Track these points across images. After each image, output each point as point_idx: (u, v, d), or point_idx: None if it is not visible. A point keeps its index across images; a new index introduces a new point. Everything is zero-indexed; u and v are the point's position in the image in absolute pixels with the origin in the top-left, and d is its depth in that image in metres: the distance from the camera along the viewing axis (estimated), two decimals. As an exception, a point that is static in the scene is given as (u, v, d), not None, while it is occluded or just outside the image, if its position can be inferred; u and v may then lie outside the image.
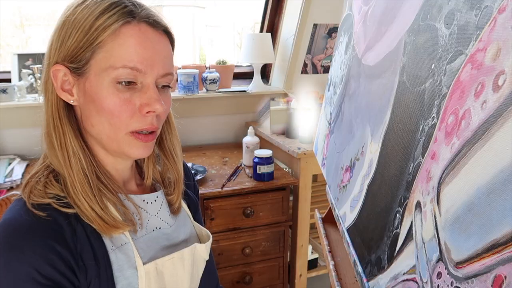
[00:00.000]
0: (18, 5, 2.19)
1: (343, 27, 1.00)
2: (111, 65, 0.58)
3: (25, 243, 0.55)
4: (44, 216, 0.58)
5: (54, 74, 0.61)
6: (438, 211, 0.43)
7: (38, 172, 0.65)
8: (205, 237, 0.78)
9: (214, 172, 1.71)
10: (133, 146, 0.63)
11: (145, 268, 0.64)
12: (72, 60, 0.60)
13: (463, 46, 0.42)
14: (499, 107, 0.35)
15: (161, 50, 0.62)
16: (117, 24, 0.58)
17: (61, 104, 0.63)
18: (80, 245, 0.59)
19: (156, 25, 0.62)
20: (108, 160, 0.67)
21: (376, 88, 0.68)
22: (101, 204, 0.61)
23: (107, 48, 0.58)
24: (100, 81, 0.59)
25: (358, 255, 0.67)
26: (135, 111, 0.61)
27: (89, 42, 0.58)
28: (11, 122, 1.77)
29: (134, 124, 0.61)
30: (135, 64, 0.59)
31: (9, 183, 1.50)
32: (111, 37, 0.58)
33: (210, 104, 2.11)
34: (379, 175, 0.62)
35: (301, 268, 1.82)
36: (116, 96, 0.59)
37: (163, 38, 0.63)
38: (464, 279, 0.37)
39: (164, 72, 0.62)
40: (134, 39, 0.59)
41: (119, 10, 0.59)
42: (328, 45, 2.16)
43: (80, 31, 0.58)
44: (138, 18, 0.60)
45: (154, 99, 0.61)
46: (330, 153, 0.96)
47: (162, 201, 0.73)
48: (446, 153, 0.42)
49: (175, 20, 3.64)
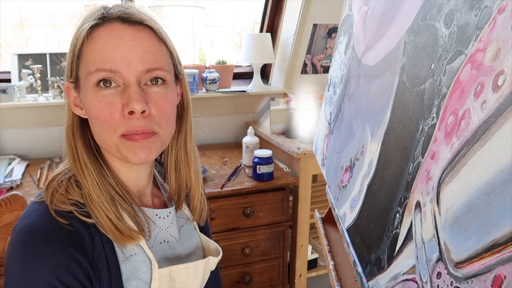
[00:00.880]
0: (18, 5, 2.19)
1: (343, 27, 1.00)
2: (88, 71, 0.59)
3: (48, 250, 0.56)
4: (66, 225, 0.58)
5: (66, 91, 0.64)
6: (438, 211, 0.43)
7: (60, 174, 0.65)
8: (213, 251, 0.77)
9: (214, 172, 1.71)
10: (130, 149, 0.60)
11: (160, 272, 0.64)
12: (70, 76, 0.62)
13: (463, 46, 0.42)
14: (499, 107, 0.35)
15: (137, 45, 0.59)
16: (89, 31, 0.59)
17: (76, 118, 0.64)
18: (97, 255, 0.60)
19: (129, 20, 0.60)
20: (123, 170, 0.67)
21: (376, 88, 0.68)
22: (117, 213, 0.62)
23: (85, 56, 0.59)
24: (85, 90, 0.60)
25: (358, 255, 0.67)
26: (120, 113, 0.59)
27: (73, 55, 0.60)
28: (11, 122, 1.77)
29: (121, 128, 0.59)
30: (109, 65, 0.58)
31: (9, 183, 1.50)
32: (85, 45, 0.59)
33: (210, 104, 2.11)
34: (379, 175, 0.62)
35: (301, 268, 1.82)
36: (99, 101, 0.59)
37: (140, 33, 0.60)
38: (464, 279, 0.37)
39: (145, 68, 0.59)
40: (104, 40, 0.58)
41: (92, 17, 0.60)
42: (328, 45, 2.16)
43: (69, 48, 0.61)
44: (109, 19, 0.59)
45: (132, 98, 0.58)
46: (330, 153, 0.96)
47: (173, 217, 0.72)
48: (446, 153, 0.42)
49: (174, 20, 3.64)
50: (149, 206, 0.71)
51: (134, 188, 0.69)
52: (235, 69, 2.19)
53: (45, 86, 1.81)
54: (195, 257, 0.75)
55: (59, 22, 2.38)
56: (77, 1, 2.36)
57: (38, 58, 1.83)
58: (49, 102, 1.75)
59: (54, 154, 1.79)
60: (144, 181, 0.70)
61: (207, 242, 0.79)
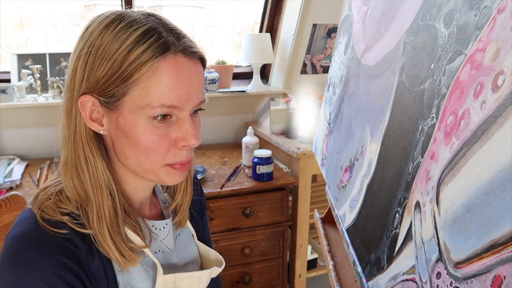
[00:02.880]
0: (17, 5, 2.19)
1: (343, 27, 1.00)
2: (147, 104, 0.55)
3: (42, 260, 0.55)
4: (60, 234, 0.57)
5: (82, 105, 0.57)
6: (438, 211, 0.43)
7: (49, 187, 0.62)
8: (214, 261, 0.76)
9: (213, 172, 1.71)
10: (171, 176, 0.61)
11: (164, 278, 0.64)
12: (102, 94, 0.56)
13: (462, 46, 0.42)
14: (498, 107, 0.35)
15: (197, 81, 0.59)
16: (153, 61, 0.54)
17: (91, 134, 0.59)
18: (94, 265, 0.59)
19: (193, 55, 0.58)
20: (134, 183, 0.65)
21: (375, 88, 0.68)
22: (124, 236, 0.61)
23: (143, 86, 0.55)
24: (136, 119, 0.56)
25: (358, 255, 0.67)
26: (172, 144, 0.59)
27: (123, 78, 0.54)
28: (11, 122, 1.77)
29: (170, 158, 0.59)
30: (172, 102, 0.56)
31: (9, 183, 1.50)
32: (147, 74, 0.54)
33: (209, 104, 2.07)
34: (379, 175, 0.62)
35: (301, 268, 1.82)
36: (153, 133, 0.57)
37: (197, 66, 0.60)
38: (464, 279, 0.37)
39: (200, 101, 0.61)
40: (171, 75, 0.55)
41: (154, 43, 0.54)
42: (327, 45, 2.16)
43: (111, 64, 0.54)
44: (174, 51, 0.56)
45: (190, 134, 0.59)
46: (329, 153, 0.96)
47: (170, 229, 0.71)
48: (445, 153, 0.42)
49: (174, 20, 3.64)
50: (147, 215, 0.70)
51: (136, 199, 0.68)
52: (234, 69, 2.19)
53: (45, 86, 1.81)
54: (192, 266, 0.74)
55: (59, 22, 2.38)
56: (77, 1, 2.36)
57: (37, 58, 1.83)
58: (48, 102, 1.75)
59: (53, 154, 1.79)
60: (150, 192, 0.70)
61: (206, 251, 0.77)
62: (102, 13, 0.59)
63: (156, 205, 0.74)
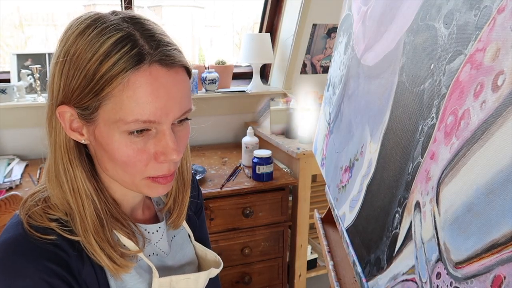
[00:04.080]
0: (17, 5, 2.19)
1: (342, 27, 1.00)
2: (121, 119, 0.52)
3: (29, 267, 0.54)
4: (49, 241, 0.56)
5: (61, 115, 0.56)
6: (438, 211, 0.42)
7: (37, 193, 0.61)
8: (212, 262, 0.75)
9: (213, 172, 1.71)
10: (153, 189, 0.59)
11: (160, 280, 0.63)
12: (78, 106, 0.54)
13: (462, 46, 0.42)
14: (498, 107, 0.35)
15: (177, 92, 0.54)
16: (123, 74, 0.50)
17: (71, 144, 0.58)
18: (85, 271, 0.58)
19: (172, 64, 0.53)
20: (121, 191, 0.64)
21: (375, 88, 0.68)
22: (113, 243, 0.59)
23: (115, 100, 0.52)
24: (111, 133, 0.54)
25: (358, 255, 0.67)
26: (150, 158, 0.56)
27: (95, 92, 0.52)
28: (10, 122, 1.77)
29: (150, 172, 0.57)
30: (148, 117, 0.52)
31: (8, 183, 1.50)
32: (118, 88, 0.51)
33: (209, 104, 2.11)
34: (379, 175, 0.62)
35: (301, 268, 1.82)
36: (129, 148, 0.54)
37: (179, 75, 0.55)
38: (464, 279, 0.37)
39: (181, 113, 0.56)
40: (144, 89, 0.51)
41: (126, 54, 0.51)
42: (327, 45, 2.16)
43: (84, 76, 0.52)
44: (149, 61, 0.52)
45: (170, 148, 0.55)
46: (329, 153, 0.96)
47: (163, 231, 0.70)
48: (445, 153, 0.42)
49: (174, 20, 3.64)
50: (139, 219, 0.69)
51: (127, 205, 0.66)
52: (234, 69, 2.19)
53: (45, 86, 1.81)
54: (189, 268, 0.73)
55: (59, 22, 2.38)
56: (76, 1, 2.35)
57: (37, 58, 1.83)
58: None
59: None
60: (141, 197, 0.69)
61: (203, 251, 0.76)
62: (80, 15, 0.56)
63: (150, 208, 0.73)
